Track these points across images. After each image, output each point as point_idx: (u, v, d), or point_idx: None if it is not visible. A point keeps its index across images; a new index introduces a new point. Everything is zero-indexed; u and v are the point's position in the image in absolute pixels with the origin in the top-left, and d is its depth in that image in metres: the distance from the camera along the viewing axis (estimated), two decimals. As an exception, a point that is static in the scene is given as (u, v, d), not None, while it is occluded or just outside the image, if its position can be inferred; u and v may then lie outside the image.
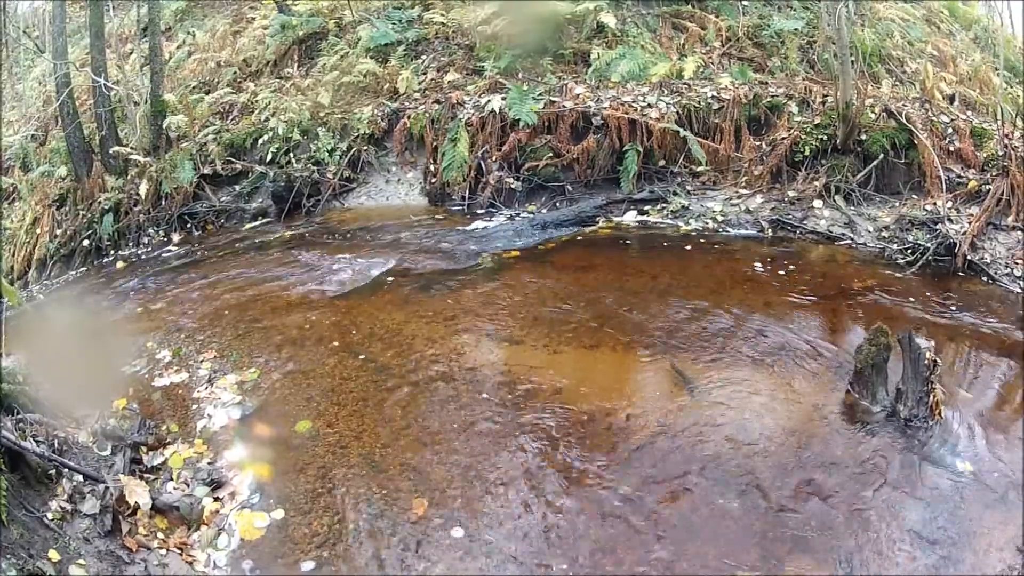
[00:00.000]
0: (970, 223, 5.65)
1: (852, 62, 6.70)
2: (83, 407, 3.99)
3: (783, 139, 6.75)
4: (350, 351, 4.64)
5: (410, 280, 5.70)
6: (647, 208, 6.79)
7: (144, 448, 3.81)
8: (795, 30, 8.21)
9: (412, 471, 3.60)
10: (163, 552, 3.19)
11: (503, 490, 3.48)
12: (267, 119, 8.01)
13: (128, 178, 8.09)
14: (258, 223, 7.65)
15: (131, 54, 9.71)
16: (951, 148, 6.30)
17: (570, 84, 7.58)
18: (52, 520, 3.05)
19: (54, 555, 2.87)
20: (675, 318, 4.84)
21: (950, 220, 5.76)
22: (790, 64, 8.03)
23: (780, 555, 3.09)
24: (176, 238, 7.72)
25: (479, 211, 7.11)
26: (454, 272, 5.80)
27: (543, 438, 3.77)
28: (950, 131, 6.41)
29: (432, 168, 7.46)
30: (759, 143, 6.92)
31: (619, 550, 3.15)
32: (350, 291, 5.59)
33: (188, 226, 7.86)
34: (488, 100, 7.40)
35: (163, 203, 7.91)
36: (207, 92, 8.83)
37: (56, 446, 3.42)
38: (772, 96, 7.12)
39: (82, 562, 2.93)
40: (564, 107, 7.22)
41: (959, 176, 6.12)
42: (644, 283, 5.40)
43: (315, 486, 3.55)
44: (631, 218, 6.73)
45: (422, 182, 7.61)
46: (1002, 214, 5.71)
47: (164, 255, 7.35)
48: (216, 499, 3.51)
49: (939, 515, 3.23)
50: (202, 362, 4.66)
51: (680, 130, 6.90)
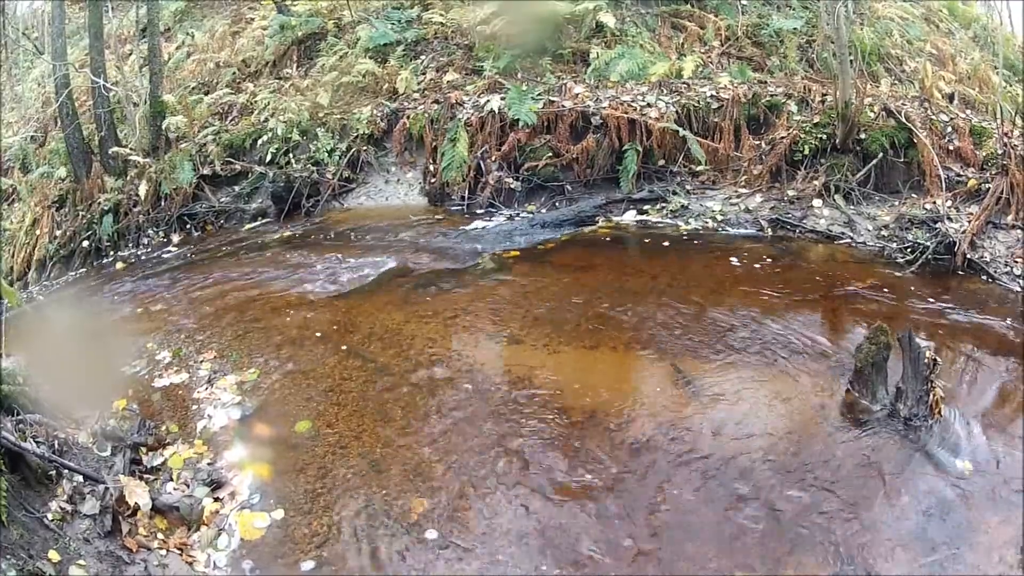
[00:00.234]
0: (970, 222, 5.65)
1: (851, 61, 6.71)
2: (83, 408, 3.99)
3: (782, 138, 6.75)
4: (350, 351, 4.65)
5: (410, 280, 5.70)
6: (647, 208, 6.79)
7: (144, 449, 3.81)
8: (794, 29, 8.22)
9: (412, 471, 3.61)
10: (163, 552, 3.20)
11: (503, 490, 3.48)
12: (266, 120, 8.01)
13: (127, 179, 8.09)
14: (258, 223, 7.65)
15: (130, 55, 9.71)
16: (950, 147, 6.30)
17: (569, 84, 7.58)
18: (52, 521, 3.05)
19: (54, 556, 2.88)
20: (675, 317, 4.84)
21: (949, 219, 5.76)
22: (789, 63, 8.03)
23: (780, 555, 3.09)
24: (176, 239, 7.72)
25: (478, 211, 7.11)
26: (454, 272, 5.80)
27: (543, 438, 3.78)
28: (949, 130, 6.41)
29: (431, 168, 7.46)
30: (758, 142, 6.92)
31: (618, 550, 3.15)
32: (350, 291, 5.59)
33: (188, 227, 7.85)
34: (487, 100, 7.40)
35: (162, 204, 7.91)
36: (206, 93, 8.82)
37: (56, 447, 3.42)
38: (771, 95, 7.12)
39: (82, 563, 2.94)
40: (563, 107, 7.22)
41: (958, 175, 6.12)
42: (644, 283, 5.40)
43: (315, 486, 3.55)
44: (630, 218, 6.72)
45: (421, 182, 7.61)
46: (1002, 213, 5.71)
47: (164, 256, 7.35)
48: (216, 499, 3.51)
49: (939, 514, 3.23)
50: (202, 362, 4.66)
51: (679, 129, 6.90)
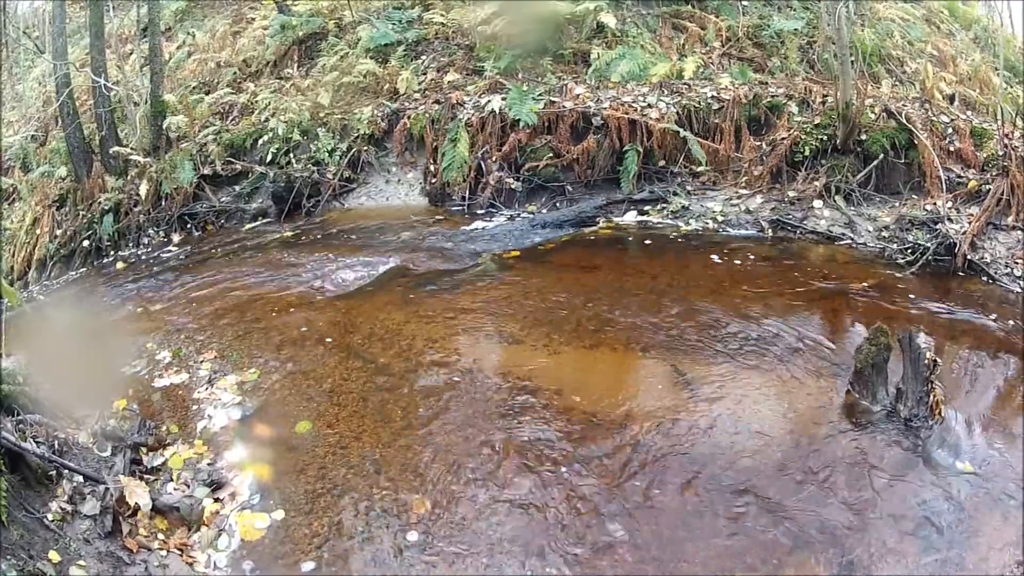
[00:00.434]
0: (970, 223, 5.65)
1: (852, 62, 6.70)
2: (83, 408, 3.99)
3: (783, 139, 6.75)
4: (350, 351, 4.65)
5: (410, 280, 5.69)
6: (647, 208, 6.79)
7: (144, 449, 3.81)
8: (795, 30, 8.21)
9: (412, 471, 3.61)
10: (163, 553, 3.20)
11: (503, 491, 3.48)
12: (267, 119, 8.01)
13: (128, 178, 8.09)
14: (258, 223, 7.65)
15: (131, 54, 9.71)
16: (951, 148, 6.30)
17: (570, 84, 7.58)
18: (52, 521, 3.05)
19: (54, 556, 2.88)
20: (675, 318, 4.83)
21: (950, 220, 5.77)
22: (790, 64, 8.03)
23: (780, 555, 3.09)
24: (176, 238, 7.72)
25: (479, 211, 7.10)
26: (454, 272, 5.80)
27: (543, 438, 3.78)
28: (950, 131, 6.41)
29: (432, 168, 7.46)
30: (759, 143, 6.92)
31: (619, 550, 3.15)
32: (350, 291, 5.59)
33: (188, 226, 7.85)
34: (488, 100, 7.40)
35: (163, 203, 7.91)
36: (207, 92, 8.83)
37: (56, 447, 3.42)
38: (772, 96, 7.12)
39: (82, 563, 2.94)
40: (564, 107, 7.22)
41: (959, 176, 6.13)
42: (644, 283, 5.40)
43: (315, 486, 3.55)
44: (631, 218, 6.72)
45: (422, 182, 7.61)
46: (1002, 214, 5.72)
47: (164, 255, 7.35)
48: (216, 500, 3.51)
49: (939, 515, 3.23)
50: (202, 363, 4.66)
51: (680, 130, 6.90)
